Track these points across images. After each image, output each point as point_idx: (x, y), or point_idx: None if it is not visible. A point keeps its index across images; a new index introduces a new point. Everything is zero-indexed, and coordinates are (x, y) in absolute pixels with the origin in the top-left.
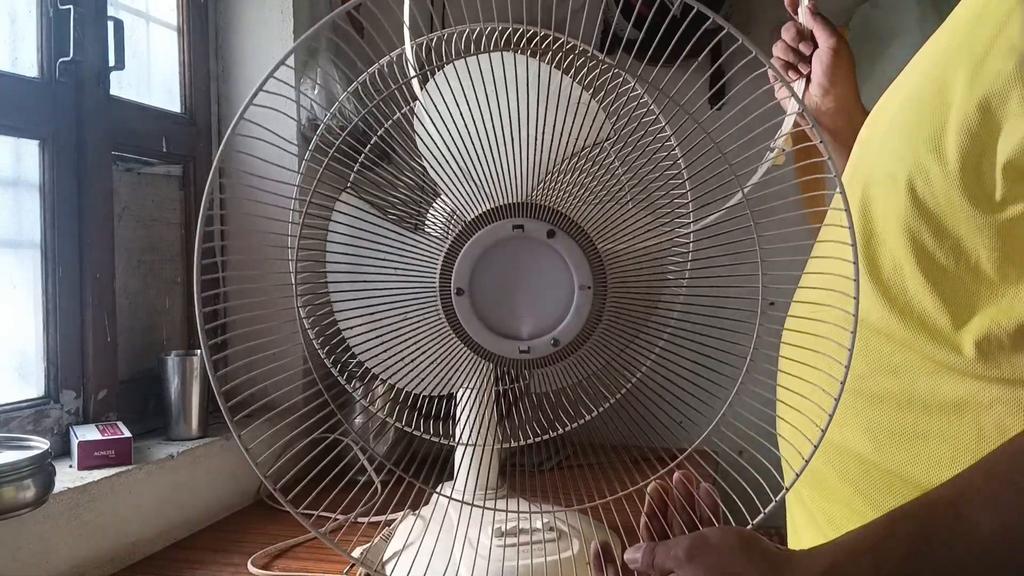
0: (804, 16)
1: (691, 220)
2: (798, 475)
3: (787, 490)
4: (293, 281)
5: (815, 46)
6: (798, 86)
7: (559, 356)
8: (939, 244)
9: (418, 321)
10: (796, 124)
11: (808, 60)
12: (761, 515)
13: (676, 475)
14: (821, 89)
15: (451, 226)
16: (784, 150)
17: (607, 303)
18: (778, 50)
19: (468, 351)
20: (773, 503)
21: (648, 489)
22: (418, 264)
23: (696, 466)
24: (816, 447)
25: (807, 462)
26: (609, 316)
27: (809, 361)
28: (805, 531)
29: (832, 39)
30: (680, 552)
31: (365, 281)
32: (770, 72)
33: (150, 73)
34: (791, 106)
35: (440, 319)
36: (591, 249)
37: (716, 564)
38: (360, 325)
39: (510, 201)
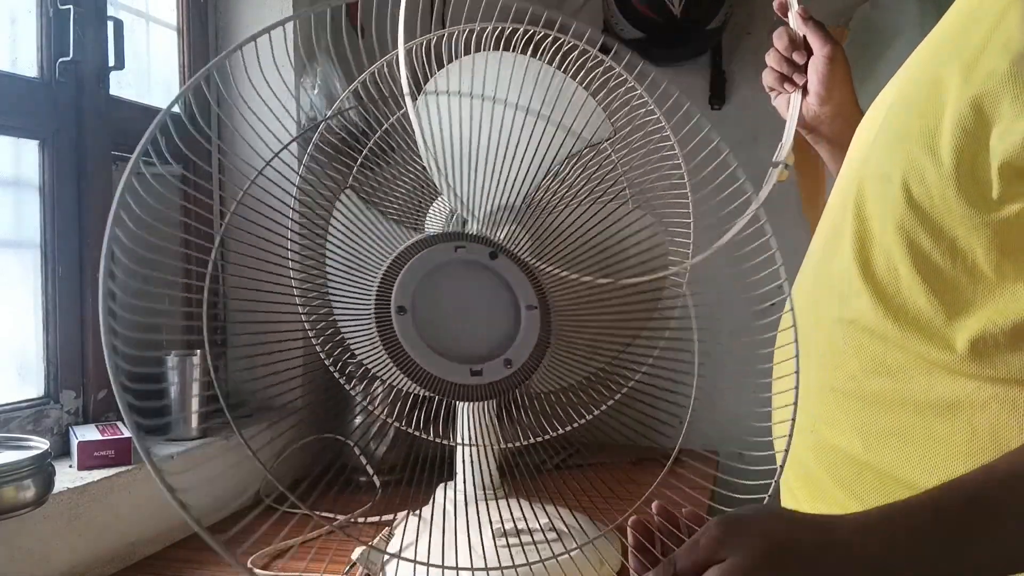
0: (795, 22)
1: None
2: (785, 453)
3: (780, 472)
4: (205, 285)
5: (809, 54)
6: (795, 96)
7: (514, 381)
8: (935, 244)
9: (363, 339)
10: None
11: (803, 69)
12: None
13: (653, 505)
14: (818, 98)
15: (451, 223)
16: (787, 165)
17: (552, 324)
18: (771, 60)
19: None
20: (770, 489)
21: (629, 523)
22: (356, 278)
23: (694, 468)
24: (792, 426)
25: (789, 438)
26: (557, 337)
27: (798, 361)
28: None
29: (827, 46)
30: (713, 534)
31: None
32: (765, 84)
33: (150, 73)
34: (789, 116)
35: (375, 342)
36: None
37: (760, 533)
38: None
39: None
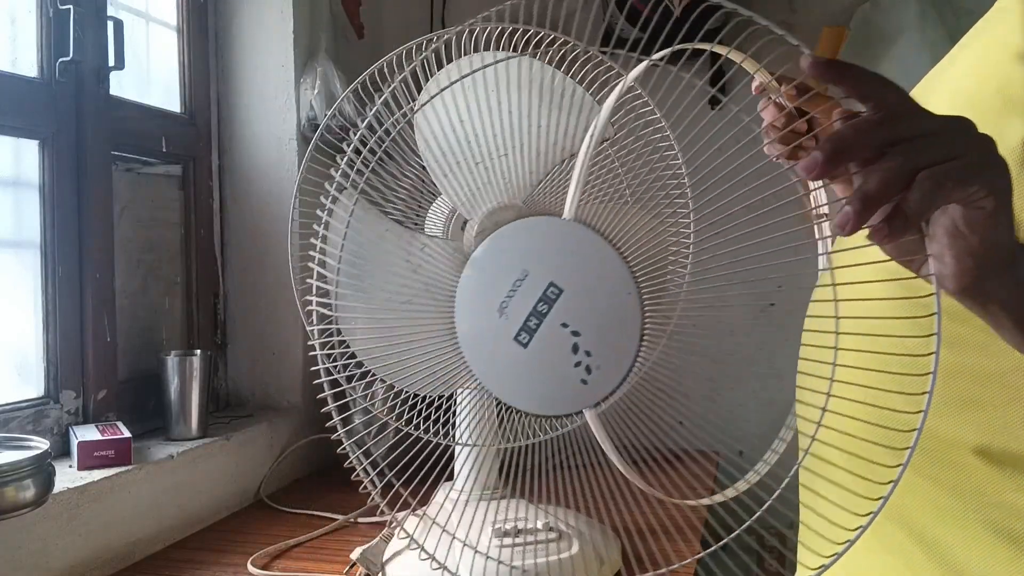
0: (784, 100)
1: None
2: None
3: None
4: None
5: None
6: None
7: None
8: None
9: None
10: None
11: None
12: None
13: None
14: None
15: (451, 225)
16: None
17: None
18: (772, 133)
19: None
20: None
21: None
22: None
23: (694, 468)
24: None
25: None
26: None
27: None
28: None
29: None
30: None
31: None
32: (771, 154)
33: (150, 73)
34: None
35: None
36: None
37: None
38: (363, 326)
39: (510, 201)
